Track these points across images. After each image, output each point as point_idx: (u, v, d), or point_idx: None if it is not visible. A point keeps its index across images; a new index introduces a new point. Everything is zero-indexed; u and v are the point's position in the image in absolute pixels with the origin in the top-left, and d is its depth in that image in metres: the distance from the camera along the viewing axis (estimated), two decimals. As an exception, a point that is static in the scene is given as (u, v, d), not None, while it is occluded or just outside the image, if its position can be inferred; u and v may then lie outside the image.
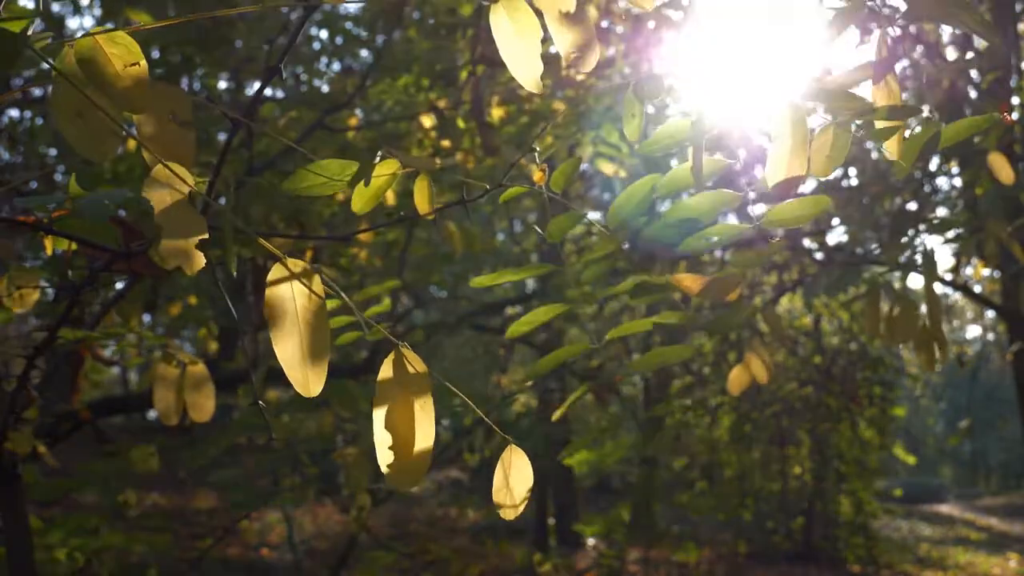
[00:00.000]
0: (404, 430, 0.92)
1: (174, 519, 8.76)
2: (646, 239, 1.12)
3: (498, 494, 1.02)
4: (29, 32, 0.81)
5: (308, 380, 0.90)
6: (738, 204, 1.09)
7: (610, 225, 1.14)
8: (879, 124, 1.03)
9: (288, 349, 0.89)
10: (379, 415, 0.91)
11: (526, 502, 1.03)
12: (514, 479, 1.02)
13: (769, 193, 1.08)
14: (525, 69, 0.93)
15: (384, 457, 0.91)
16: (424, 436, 0.93)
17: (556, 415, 1.30)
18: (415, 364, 0.93)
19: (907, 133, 1.08)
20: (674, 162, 1.19)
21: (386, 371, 0.93)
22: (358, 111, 4.01)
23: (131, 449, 2.47)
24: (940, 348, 1.99)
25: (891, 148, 1.08)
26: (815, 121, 1.05)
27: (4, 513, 1.97)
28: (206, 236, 0.88)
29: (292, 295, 0.90)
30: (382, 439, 0.91)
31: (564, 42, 0.93)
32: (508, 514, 1.03)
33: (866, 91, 1.06)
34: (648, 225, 1.12)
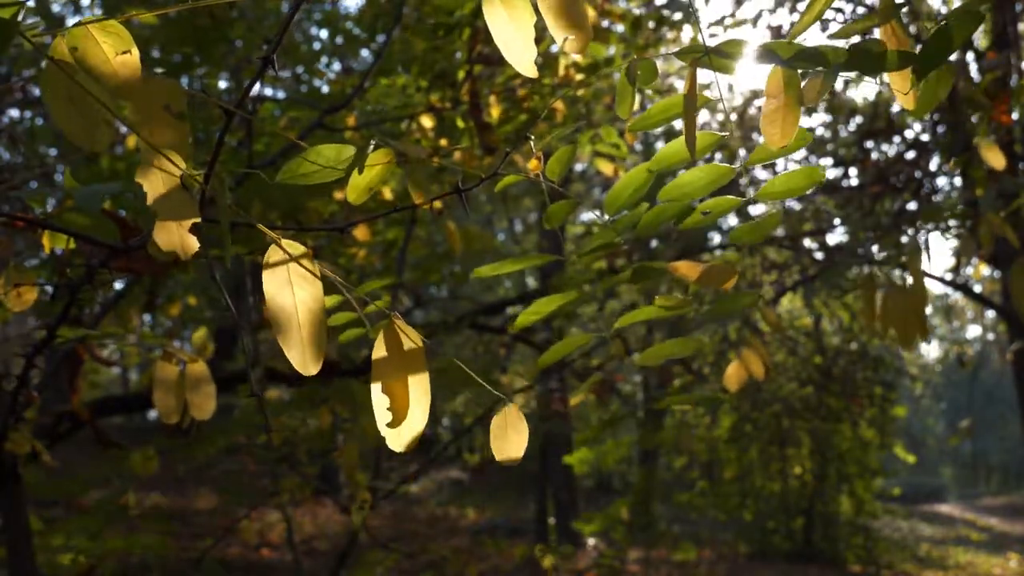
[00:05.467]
0: (399, 390, 0.94)
1: (174, 519, 8.76)
2: (644, 226, 1.12)
3: (496, 441, 1.03)
4: (22, 20, 0.80)
5: (306, 360, 0.90)
6: (731, 177, 1.10)
7: (608, 212, 1.15)
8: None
9: (287, 330, 0.90)
10: (376, 376, 0.94)
11: (522, 449, 1.03)
12: (512, 430, 1.03)
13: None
14: (519, 53, 0.93)
15: (382, 416, 0.93)
16: (419, 393, 0.95)
17: (559, 406, 1.32)
18: (405, 329, 0.96)
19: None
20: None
21: (379, 339, 0.96)
22: (356, 111, 4.01)
23: (132, 452, 2.47)
24: (920, 330, 2.03)
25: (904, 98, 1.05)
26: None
27: (4, 513, 1.97)
28: (198, 219, 0.89)
29: (288, 276, 0.92)
30: (379, 399, 0.94)
31: (556, 23, 0.93)
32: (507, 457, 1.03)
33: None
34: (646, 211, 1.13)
